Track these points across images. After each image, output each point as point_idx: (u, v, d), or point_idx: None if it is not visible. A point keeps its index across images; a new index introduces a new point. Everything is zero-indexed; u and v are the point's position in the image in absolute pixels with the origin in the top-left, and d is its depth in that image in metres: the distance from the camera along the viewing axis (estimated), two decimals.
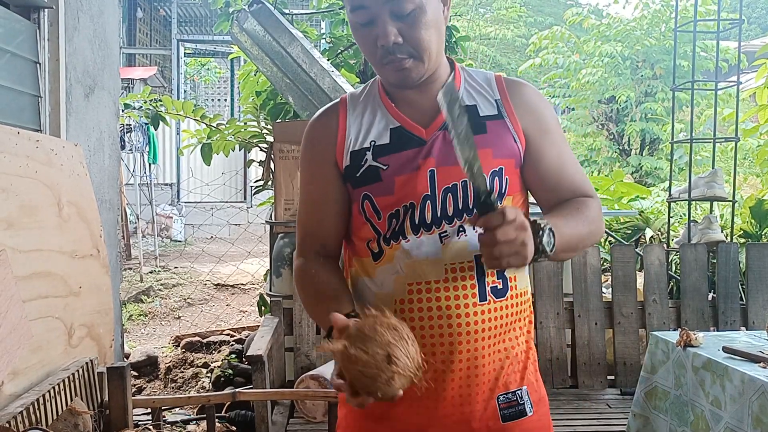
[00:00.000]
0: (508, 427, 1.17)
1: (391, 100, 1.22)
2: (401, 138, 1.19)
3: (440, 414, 1.17)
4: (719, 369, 2.04)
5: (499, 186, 1.17)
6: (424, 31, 1.11)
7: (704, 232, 3.99)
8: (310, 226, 1.27)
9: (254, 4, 3.71)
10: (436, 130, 1.18)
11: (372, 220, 1.20)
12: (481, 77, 1.24)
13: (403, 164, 1.17)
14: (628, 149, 10.33)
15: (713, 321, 3.50)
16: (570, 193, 1.23)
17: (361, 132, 1.22)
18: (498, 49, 15.63)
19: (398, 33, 1.11)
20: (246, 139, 4.41)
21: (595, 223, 1.19)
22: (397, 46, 1.12)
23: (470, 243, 1.15)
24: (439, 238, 1.15)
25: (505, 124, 1.19)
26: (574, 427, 2.89)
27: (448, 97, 1.04)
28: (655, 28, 9.86)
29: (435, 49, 1.15)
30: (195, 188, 10.42)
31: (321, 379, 2.88)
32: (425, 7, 1.11)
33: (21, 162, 1.94)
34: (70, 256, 2.14)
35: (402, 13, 1.10)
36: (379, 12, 1.11)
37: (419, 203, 1.16)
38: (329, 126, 1.25)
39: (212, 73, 16.74)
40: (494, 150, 1.16)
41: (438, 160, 1.16)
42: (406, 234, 1.16)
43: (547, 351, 3.39)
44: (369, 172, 1.19)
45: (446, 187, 1.16)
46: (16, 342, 1.76)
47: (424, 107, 1.20)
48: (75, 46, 2.77)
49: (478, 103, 1.20)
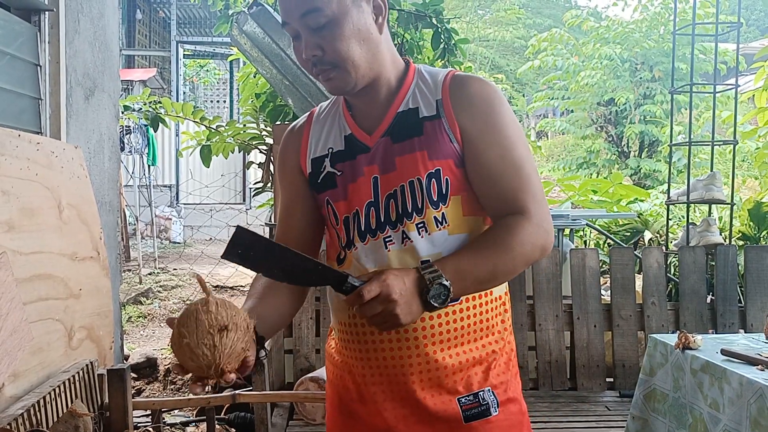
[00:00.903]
0: (471, 427, 1.19)
1: (348, 108, 1.27)
2: (352, 145, 1.23)
3: (403, 414, 1.21)
4: (717, 371, 2.04)
5: (437, 188, 1.17)
6: (341, 43, 1.13)
7: (703, 234, 3.99)
8: (279, 235, 1.33)
9: (254, 6, 3.72)
10: (379, 137, 1.21)
11: (333, 225, 1.25)
12: (432, 77, 1.24)
13: (353, 171, 1.22)
14: (626, 151, 10.35)
15: (712, 323, 3.51)
16: (502, 203, 1.17)
17: (321, 139, 1.27)
18: (497, 51, 15.65)
19: (318, 46, 1.14)
20: (245, 141, 4.42)
21: (516, 249, 1.12)
22: (318, 58, 1.15)
23: (417, 249, 1.16)
24: (383, 243, 1.18)
25: (441, 124, 1.18)
26: (573, 429, 2.90)
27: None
28: (653, 31, 9.89)
29: (360, 58, 1.15)
30: (194, 190, 10.41)
31: (320, 382, 2.88)
32: (340, 20, 1.12)
33: (21, 164, 1.94)
34: (70, 258, 2.14)
35: (317, 26, 1.13)
36: (299, 26, 1.15)
37: (363, 210, 1.20)
38: (296, 137, 1.32)
39: (211, 74, 16.74)
40: (429, 152, 1.17)
41: (381, 167, 1.19)
42: (355, 242, 1.21)
43: (546, 353, 3.39)
44: (327, 178, 1.24)
45: (389, 193, 1.18)
46: (17, 344, 1.76)
47: (371, 114, 1.23)
48: (75, 48, 2.77)
49: (421, 105, 1.20)
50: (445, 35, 3.90)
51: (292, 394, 2.90)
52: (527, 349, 3.40)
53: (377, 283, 1.04)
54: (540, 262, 3.41)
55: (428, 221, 1.17)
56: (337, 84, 1.17)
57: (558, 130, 11.49)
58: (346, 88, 1.18)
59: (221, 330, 0.98)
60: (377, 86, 1.21)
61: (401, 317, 1.04)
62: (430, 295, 1.06)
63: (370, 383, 1.23)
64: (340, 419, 1.30)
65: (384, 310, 1.04)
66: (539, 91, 11.95)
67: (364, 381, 1.24)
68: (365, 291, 1.03)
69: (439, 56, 3.94)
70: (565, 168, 10.69)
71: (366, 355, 1.22)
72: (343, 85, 1.17)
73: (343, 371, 1.28)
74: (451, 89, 1.19)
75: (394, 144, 1.19)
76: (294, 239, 1.28)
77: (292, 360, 3.29)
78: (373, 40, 1.17)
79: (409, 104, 1.21)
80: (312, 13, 1.12)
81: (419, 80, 1.24)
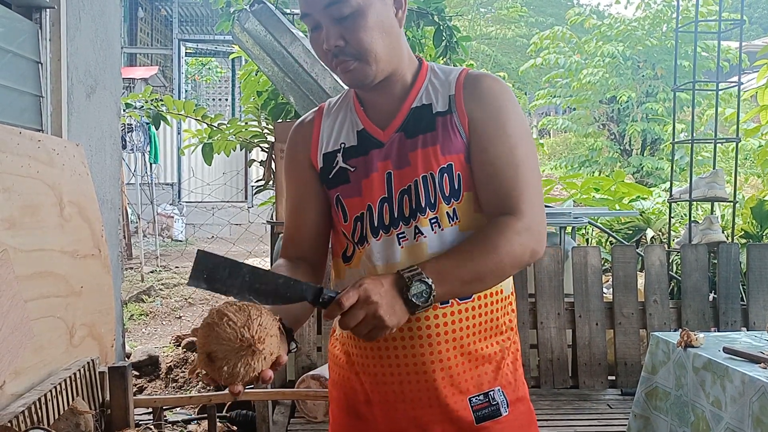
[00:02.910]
0: (482, 428, 1.18)
1: (360, 103, 1.26)
2: (365, 140, 1.22)
3: (413, 416, 1.19)
4: (720, 369, 2.04)
5: (450, 183, 1.17)
6: (365, 34, 1.13)
7: (705, 232, 3.99)
8: (290, 231, 1.31)
9: (255, 4, 3.72)
10: (393, 132, 1.20)
11: (341, 222, 1.24)
12: (445, 74, 1.24)
13: (367, 166, 1.20)
14: (629, 149, 10.33)
15: (714, 321, 3.50)
16: (496, 200, 1.16)
17: (333, 134, 1.26)
18: (499, 49, 15.62)
19: (340, 36, 1.13)
20: (247, 138, 4.42)
21: (503, 249, 1.10)
22: (340, 48, 1.14)
23: (429, 245, 1.16)
24: (397, 239, 1.17)
25: (452, 119, 1.18)
26: (574, 427, 2.90)
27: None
28: (656, 28, 9.86)
29: (382, 50, 1.15)
30: (196, 188, 10.43)
31: (322, 379, 2.88)
32: (365, 10, 1.12)
33: (23, 162, 1.94)
34: (71, 255, 2.15)
35: (341, 16, 1.12)
36: (321, 17, 1.14)
37: (377, 206, 1.19)
38: (306, 131, 1.30)
39: (213, 72, 16.74)
40: (442, 147, 1.17)
41: (395, 162, 1.19)
42: (368, 238, 1.19)
43: (547, 351, 3.39)
44: (340, 173, 1.23)
45: (402, 188, 1.18)
46: (18, 342, 1.76)
47: (384, 109, 1.22)
48: (77, 45, 2.77)
49: (434, 101, 1.21)
50: (447, 33, 3.89)
51: (294, 391, 2.90)
52: (529, 347, 3.40)
53: (354, 290, 1.01)
54: (542, 260, 3.41)
55: (441, 216, 1.16)
56: (357, 76, 1.16)
57: (560, 128, 11.46)
58: (365, 81, 1.17)
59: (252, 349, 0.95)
60: (392, 81, 1.21)
61: (386, 319, 1.02)
62: (411, 294, 1.04)
63: (381, 383, 1.21)
64: (347, 420, 1.28)
65: (367, 315, 1.01)
66: (541, 89, 11.93)
67: (375, 381, 1.21)
68: (344, 299, 1.00)
69: (441, 54, 3.93)
70: (568, 166, 10.67)
71: (378, 353, 1.20)
72: (363, 78, 1.16)
73: (350, 372, 1.26)
74: (465, 85, 1.20)
75: (407, 139, 1.19)
76: (307, 234, 1.27)
77: (294, 358, 3.29)
78: (395, 33, 1.17)
79: (423, 100, 1.21)
80: (337, 3, 1.11)
81: (432, 77, 1.24)
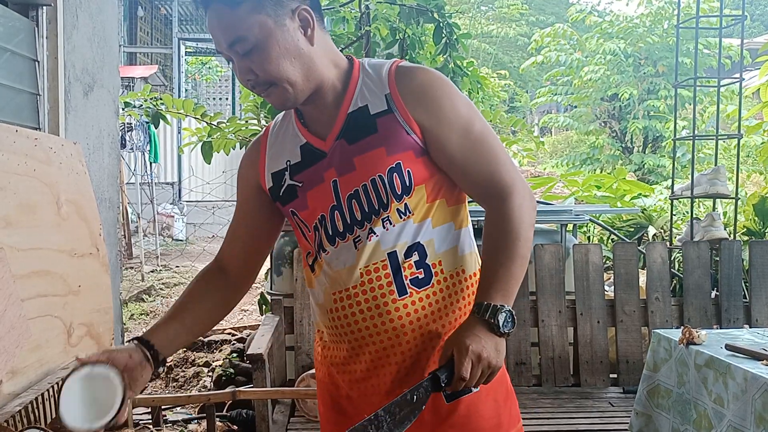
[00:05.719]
0: (455, 405, 1.21)
1: (299, 117, 1.28)
2: (308, 154, 1.24)
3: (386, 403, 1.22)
4: (722, 367, 2.03)
5: (401, 181, 1.18)
6: (270, 65, 1.15)
7: (707, 229, 3.97)
8: (224, 243, 1.38)
9: None
10: (333, 140, 1.22)
11: (304, 232, 1.27)
12: (376, 72, 1.24)
13: (312, 179, 1.23)
14: (630, 147, 10.32)
15: (716, 319, 3.49)
16: (481, 186, 1.21)
17: (278, 153, 1.29)
18: (500, 47, 15.62)
19: (249, 70, 1.16)
20: (247, 137, 4.40)
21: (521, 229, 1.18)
22: (254, 80, 1.17)
23: (381, 242, 1.19)
24: (353, 244, 1.20)
25: (395, 118, 1.19)
26: (576, 425, 2.88)
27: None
28: (657, 25, 9.85)
29: (294, 75, 1.17)
30: (196, 187, 10.41)
31: None
32: (264, 44, 1.14)
33: (19, 160, 1.93)
34: (69, 254, 2.13)
35: (244, 52, 1.15)
36: (229, 54, 1.17)
37: (329, 214, 1.22)
38: (254, 152, 1.34)
39: (213, 71, 16.72)
40: (387, 148, 1.18)
41: (338, 169, 1.21)
42: (325, 247, 1.23)
43: (549, 349, 3.37)
44: (289, 190, 1.26)
45: (349, 194, 1.20)
46: (15, 341, 1.75)
47: (321, 119, 1.24)
48: (74, 43, 2.76)
49: (370, 102, 1.21)
50: (447, 30, 3.87)
51: (293, 390, 2.89)
52: (530, 345, 3.38)
53: (463, 357, 1.09)
54: (543, 258, 3.39)
55: (392, 214, 1.19)
56: (278, 101, 1.20)
57: (561, 126, 11.45)
58: (287, 104, 1.21)
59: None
60: (323, 92, 1.22)
61: (498, 363, 1.12)
62: (502, 329, 1.12)
63: (357, 380, 1.25)
64: (332, 416, 1.32)
65: (484, 370, 1.11)
66: (542, 87, 11.92)
67: (352, 378, 1.26)
68: (463, 372, 1.09)
69: (441, 51, 3.91)
70: (569, 164, 10.66)
71: (353, 352, 1.24)
72: (284, 101, 1.20)
73: (330, 369, 1.30)
74: (398, 82, 1.20)
75: (350, 145, 1.20)
76: (237, 250, 1.34)
77: (294, 357, 3.28)
78: (305, 55, 1.18)
79: (359, 103, 1.22)
80: (237, 42, 1.14)
81: (365, 77, 1.24)
